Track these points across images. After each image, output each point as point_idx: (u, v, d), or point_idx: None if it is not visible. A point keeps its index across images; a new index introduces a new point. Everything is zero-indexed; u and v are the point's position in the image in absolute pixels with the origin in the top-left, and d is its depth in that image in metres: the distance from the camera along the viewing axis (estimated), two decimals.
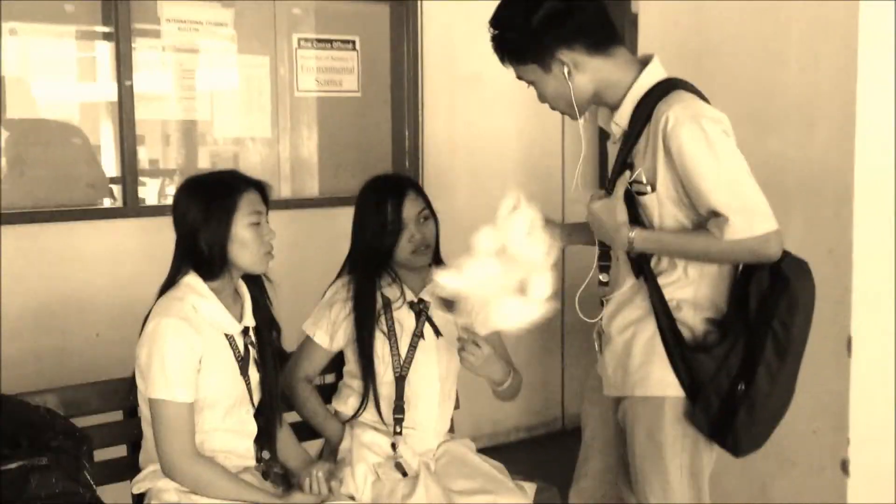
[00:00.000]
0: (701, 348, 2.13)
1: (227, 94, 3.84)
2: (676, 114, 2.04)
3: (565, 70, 2.13)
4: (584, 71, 2.14)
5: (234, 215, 2.29)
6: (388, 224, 2.57)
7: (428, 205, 2.66)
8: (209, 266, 2.30)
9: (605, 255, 2.27)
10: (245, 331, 2.39)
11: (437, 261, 2.72)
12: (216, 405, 2.30)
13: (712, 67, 3.04)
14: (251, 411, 2.39)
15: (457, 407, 2.81)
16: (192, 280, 2.31)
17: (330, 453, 2.61)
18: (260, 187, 2.38)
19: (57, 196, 3.48)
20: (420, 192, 2.66)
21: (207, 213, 2.28)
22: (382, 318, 2.59)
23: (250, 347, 2.39)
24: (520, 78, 2.21)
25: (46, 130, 3.44)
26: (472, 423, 4.36)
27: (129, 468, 2.43)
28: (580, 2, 2.15)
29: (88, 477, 2.17)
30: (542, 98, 2.22)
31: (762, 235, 2.04)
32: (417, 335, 2.61)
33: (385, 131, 4.15)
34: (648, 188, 2.11)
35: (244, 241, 2.30)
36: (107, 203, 3.47)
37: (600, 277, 2.27)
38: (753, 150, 3.22)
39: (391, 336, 2.58)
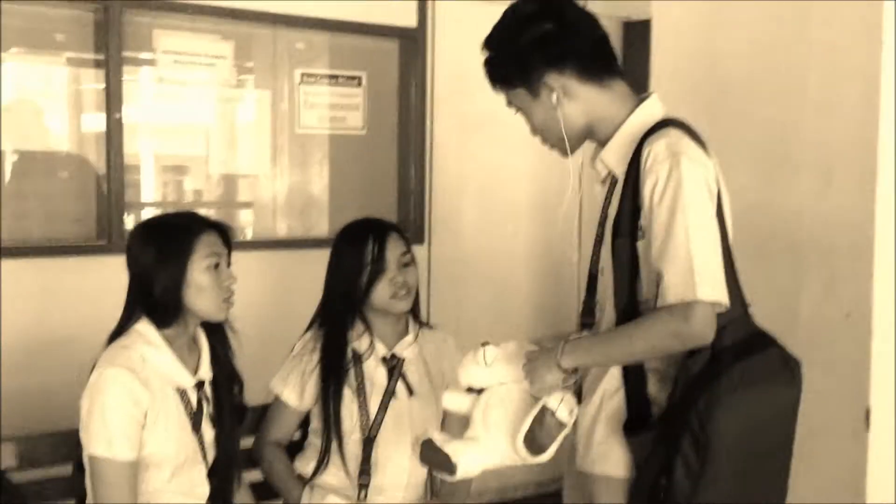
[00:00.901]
0: (632, 431, 1.91)
1: (224, 129, 3.73)
2: (657, 150, 1.85)
3: (554, 96, 1.96)
4: (576, 99, 1.97)
5: (190, 258, 2.15)
6: (367, 265, 2.42)
7: (409, 250, 2.49)
8: (162, 312, 2.16)
9: (589, 310, 2.06)
10: (200, 384, 2.22)
11: (415, 313, 2.55)
12: (163, 464, 2.14)
13: (724, 108, 2.87)
14: (204, 471, 2.23)
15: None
16: (142, 327, 2.16)
17: None
18: (220, 229, 2.23)
19: (44, 230, 3.36)
20: (402, 236, 2.51)
21: (161, 256, 2.14)
22: (352, 373, 2.41)
23: (204, 402, 2.22)
24: (509, 104, 2.05)
25: (35, 162, 3.32)
26: (478, 478, 4.17)
27: None
28: (575, 25, 1.99)
29: None
30: (532, 129, 2.05)
31: (684, 304, 1.79)
32: (389, 393, 2.43)
33: (391, 170, 4.01)
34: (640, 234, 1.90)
35: (200, 285, 2.15)
36: (92, 239, 3.33)
37: (582, 334, 2.05)
38: (764, 198, 3.05)
39: (360, 393, 2.41)
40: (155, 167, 3.56)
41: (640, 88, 2.11)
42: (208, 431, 2.24)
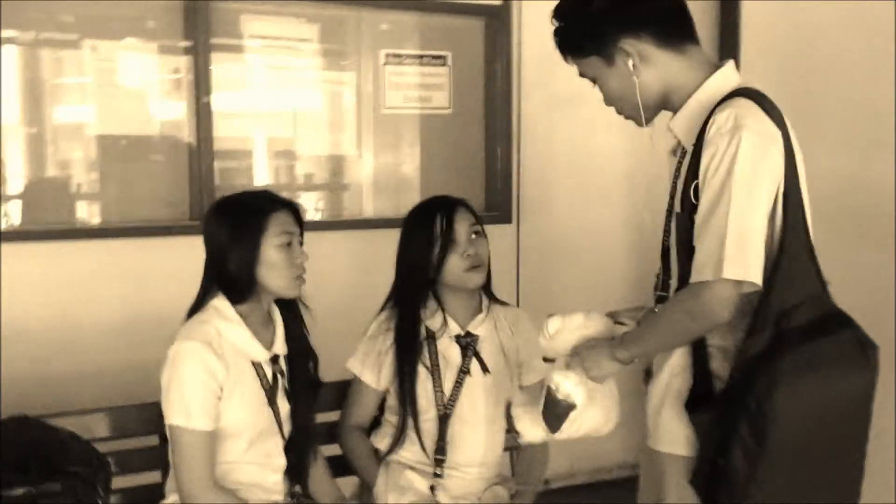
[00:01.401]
0: (693, 409, 1.88)
1: (310, 111, 3.78)
2: (720, 121, 1.79)
3: (630, 63, 1.91)
4: (652, 66, 1.92)
5: (263, 236, 2.20)
6: (437, 238, 2.43)
7: (479, 222, 2.49)
8: (237, 289, 2.22)
9: (665, 283, 2.00)
10: (275, 358, 2.28)
11: (487, 289, 2.54)
12: (240, 435, 2.21)
13: (815, 85, 2.78)
14: (280, 444, 2.29)
15: (506, 448, 2.61)
16: (218, 303, 2.23)
17: (365, 492, 2.46)
18: (292, 208, 2.28)
19: (138, 212, 3.48)
20: (471, 210, 2.52)
21: (235, 234, 2.20)
22: (426, 352, 2.42)
23: (279, 376, 2.28)
24: (582, 75, 2.01)
25: (129, 146, 3.45)
26: (567, 459, 4.15)
27: (161, 495, 2.36)
28: None
29: None
30: (607, 99, 2.01)
31: (700, 283, 1.76)
32: (463, 371, 2.44)
33: (478, 150, 4.00)
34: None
35: (273, 263, 2.21)
36: (185, 220, 3.44)
37: (656, 310, 2.02)
38: (857, 176, 2.93)
39: (434, 371, 2.43)
40: (243, 150, 3.64)
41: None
42: (284, 405, 2.29)
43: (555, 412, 2.01)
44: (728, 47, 3.74)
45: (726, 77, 1.93)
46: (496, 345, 2.54)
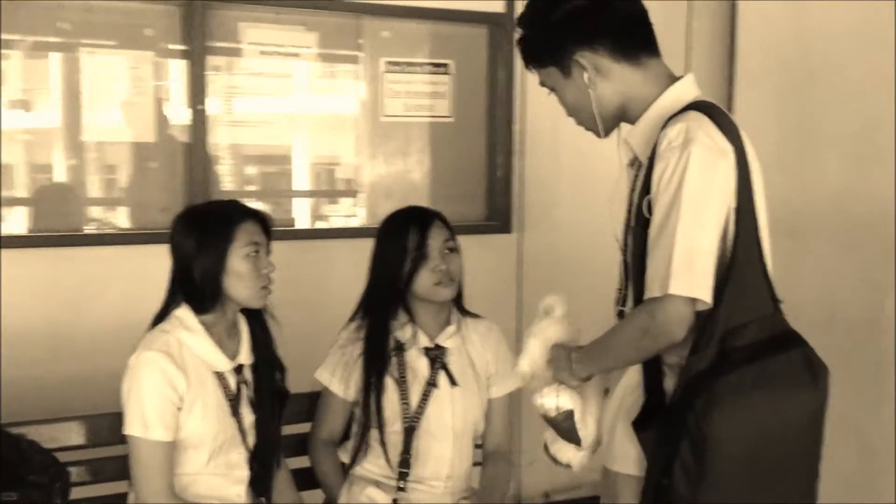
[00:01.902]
0: (640, 426, 1.86)
1: (308, 120, 3.77)
2: (671, 136, 1.77)
3: (585, 76, 1.90)
4: (609, 78, 1.91)
5: (230, 246, 2.20)
6: (409, 252, 2.41)
7: (453, 237, 2.46)
8: (202, 298, 2.22)
9: (625, 298, 1.98)
10: (238, 368, 2.26)
11: (458, 303, 2.51)
12: (201, 446, 2.20)
13: (813, 91, 2.71)
14: (244, 455, 2.28)
15: (476, 463, 2.57)
16: (182, 313, 2.23)
17: None
18: (260, 218, 2.27)
19: (134, 219, 3.50)
20: (446, 224, 2.50)
21: (202, 244, 2.20)
22: (394, 363, 2.40)
23: (244, 386, 2.26)
24: (542, 84, 2.01)
25: (122, 153, 3.46)
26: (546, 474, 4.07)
27: None
28: (608, 0, 1.92)
29: None
30: (566, 109, 2.00)
31: (653, 299, 1.73)
32: (431, 384, 2.41)
33: (479, 159, 3.97)
34: None
35: (239, 273, 2.20)
36: None
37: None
38: (853, 185, 2.85)
39: (401, 383, 2.40)
40: (239, 157, 3.63)
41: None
42: (248, 415, 2.28)
43: (563, 428, 2.00)
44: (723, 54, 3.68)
45: (684, 90, 1.91)
46: (465, 358, 2.52)
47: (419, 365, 2.45)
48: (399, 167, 3.90)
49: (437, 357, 2.46)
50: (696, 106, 1.83)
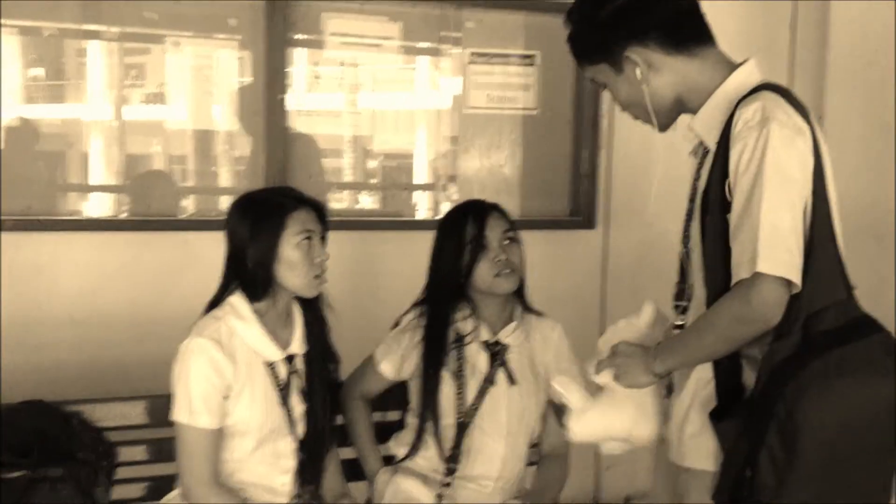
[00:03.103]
0: (719, 417, 1.82)
1: (391, 110, 3.74)
2: (747, 115, 1.73)
3: (637, 71, 1.88)
4: (662, 72, 1.89)
5: (282, 234, 2.18)
6: (468, 244, 2.37)
7: (514, 228, 2.42)
8: (254, 286, 2.22)
9: (681, 293, 1.98)
10: (290, 358, 2.24)
11: (520, 295, 2.43)
12: (247, 434, 2.20)
13: None
14: (292, 445, 2.27)
15: (531, 463, 2.49)
16: (235, 300, 2.23)
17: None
18: (315, 205, 2.23)
19: (203, 205, 3.56)
20: (504, 215, 2.46)
21: (255, 231, 2.19)
22: (453, 356, 2.34)
23: (294, 376, 2.24)
24: (593, 81, 2.01)
25: (209, 140, 3.51)
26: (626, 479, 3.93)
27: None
28: None
29: (105, 492, 2.12)
30: (620, 105, 2.00)
31: (744, 284, 1.68)
32: (488, 380, 2.34)
33: (565, 153, 3.87)
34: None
35: (291, 261, 2.18)
36: None
37: (677, 321, 1.99)
38: None
39: (459, 377, 2.34)
40: (319, 148, 3.62)
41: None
42: (298, 405, 2.27)
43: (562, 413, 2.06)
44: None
45: (749, 74, 1.87)
46: (526, 356, 2.45)
47: (478, 360, 2.40)
48: (483, 160, 3.84)
49: (497, 353, 2.40)
50: (767, 87, 1.80)
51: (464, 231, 2.39)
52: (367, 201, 3.98)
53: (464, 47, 3.71)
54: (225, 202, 3.53)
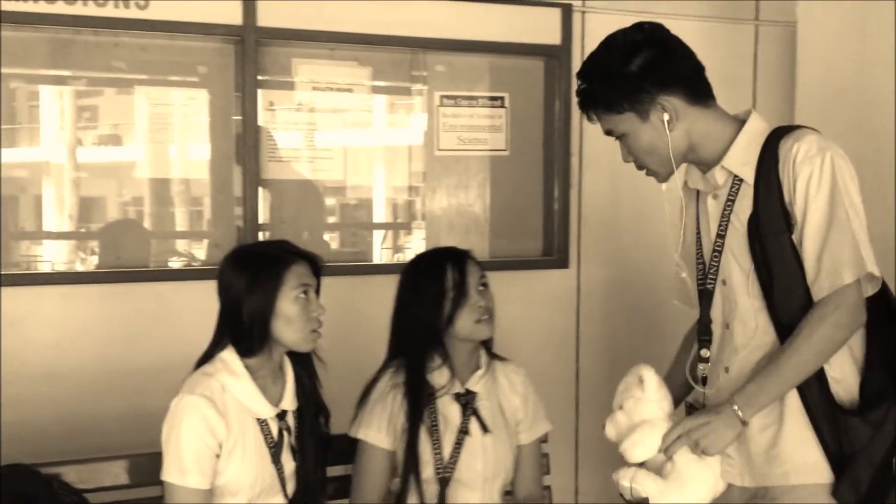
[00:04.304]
0: (853, 411, 1.98)
1: (361, 153, 3.73)
2: (806, 147, 1.98)
3: (665, 117, 2.05)
4: (683, 121, 2.08)
5: (280, 288, 2.16)
6: (448, 291, 2.37)
7: (485, 274, 2.48)
8: (249, 341, 2.19)
9: (706, 327, 2.16)
10: (282, 414, 2.20)
11: (486, 345, 2.44)
12: (238, 493, 2.18)
13: (871, 120, 2.60)
14: (283, 502, 2.20)
15: None
16: (227, 356, 2.20)
17: None
18: (310, 259, 2.22)
19: (182, 255, 3.51)
20: (477, 261, 2.49)
21: (252, 285, 2.17)
22: (427, 409, 2.35)
23: (286, 433, 2.21)
24: (608, 133, 2.16)
25: (173, 190, 3.47)
26: None
27: None
28: (679, 50, 2.12)
29: None
30: (632, 152, 2.16)
31: (835, 293, 1.92)
32: (463, 431, 2.33)
33: (536, 193, 3.90)
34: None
35: (289, 316, 2.16)
36: None
37: (701, 352, 2.16)
38: None
39: (433, 432, 2.31)
40: (292, 192, 3.60)
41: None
42: (289, 462, 2.24)
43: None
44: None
45: (761, 119, 2.13)
46: (495, 402, 2.45)
47: (450, 411, 2.39)
48: (454, 202, 3.84)
49: (468, 402, 2.38)
50: (800, 127, 2.07)
51: (443, 278, 2.37)
52: (342, 244, 3.95)
53: (433, 90, 3.73)
54: (198, 251, 3.50)
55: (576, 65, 3.80)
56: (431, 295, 2.37)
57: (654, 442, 2.05)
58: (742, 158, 2.07)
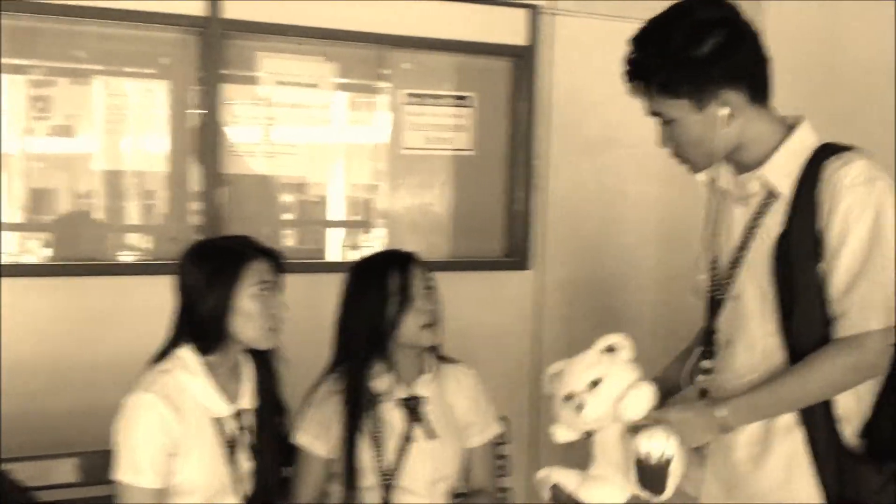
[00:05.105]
0: (864, 459, 1.86)
1: (325, 150, 3.71)
2: (854, 173, 1.82)
3: (725, 112, 1.87)
4: (739, 118, 1.90)
5: (239, 284, 2.12)
6: (392, 295, 2.33)
7: (432, 277, 2.43)
8: (206, 338, 2.16)
9: (710, 338, 2.02)
10: (239, 413, 2.17)
11: (433, 348, 2.42)
12: (193, 493, 2.15)
13: (843, 120, 2.62)
14: (239, 502, 2.17)
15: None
16: (184, 353, 2.17)
17: None
18: (272, 255, 2.18)
19: (145, 249, 3.46)
20: (422, 264, 2.43)
21: (209, 281, 2.13)
22: (370, 417, 2.34)
23: (242, 432, 2.18)
24: (655, 113, 1.94)
25: (133, 182, 3.41)
26: None
27: None
28: (750, 40, 1.90)
29: None
30: (676, 140, 1.94)
31: (861, 334, 1.79)
32: (408, 437, 2.31)
33: (500, 193, 3.89)
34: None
35: (248, 313, 2.13)
36: None
37: (702, 364, 2.02)
38: None
39: (376, 438, 2.31)
40: (254, 187, 3.56)
41: None
42: (245, 462, 2.22)
43: (656, 476, 1.86)
44: None
45: (811, 131, 1.95)
46: (443, 406, 2.43)
47: (394, 418, 2.37)
48: (416, 201, 3.82)
49: (413, 408, 2.37)
50: (851, 148, 1.89)
51: (387, 282, 2.34)
52: (301, 241, 3.91)
53: (400, 88, 3.72)
54: (157, 246, 3.44)
55: (542, 66, 3.83)
56: (374, 300, 2.33)
57: (648, 400, 1.90)
58: (783, 170, 1.90)
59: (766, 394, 1.86)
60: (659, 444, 1.82)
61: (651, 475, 1.85)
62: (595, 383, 1.87)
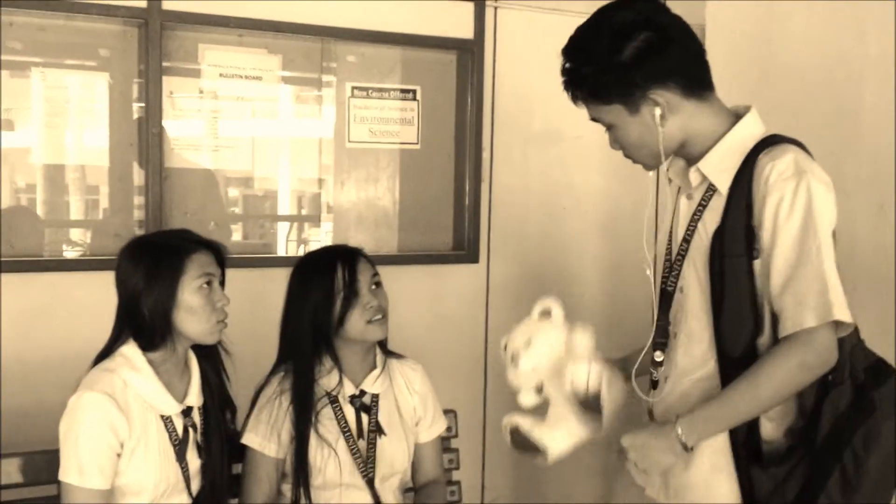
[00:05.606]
0: (757, 462, 1.88)
1: (269, 144, 3.68)
2: (782, 167, 1.82)
3: (657, 112, 1.90)
4: (677, 115, 1.92)
5: (181, 278, 2.09)
6: (338, 291, 2.31)
7: (377, 272, 2.42)
8: (150, 335, 2.13)
9: (663, 330, 2.02)
10: (187, 411, 2.16)
11: (382, 344, 2.42)
12: (141, 493, 2.13)
13: (777, 123, 2.68)
14: (187, 501, 2.18)
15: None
16: (128, 350, 2.13)
17: None
18: (213, 248, 2.17)
19: (80, 245, 3.41)
20: (369, 259, 2.43)
21: (150, 276, 2.10)
22: (320, 416, 2.33)
23: (191, 430, 2.16)
24: (595, 119, 1.99)
25: (73, 176, 3.36)
26: None
27: None
28: (676, 35, 1.92)
29: None
30: (620, 144, 1.99)
31: (806, 331, 1.77)
32: (357, 435, 2.33)
33: (447, 186, 3.89)
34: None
35: (192, 307, 2.11)
36: None
37: (654, 355, 2.03)
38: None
39: (324, 437, 2.31)
40: (197, 181, 3.52)
41: None
42: (194, 460, 2.20)
43: (591, 405, 2.02)
44: None
45: (756, 123, 1.95)
46: (392, 402, 2.44)
47: (344, 415, 2.35)
48: (363, 195, 3.82)
49: (362, 405, 2.36)
50: (786, 140, 1.89)
51: (333, 277, 2.32)
52: (247, 235, 3.89)
53: (345, 81, 3.70)
54: (100, 241, 3.39)
55: (488, 59, 3.84)
56: (320, 296, 2.31)
57: (588, 336, 2.06)
58: (720, 165, 1.92)
59: (719, 404, 1.85)
60: (582, 374, 1.98)
61: (587, 406, 1.99)
62: (529, 342, 2.04)
